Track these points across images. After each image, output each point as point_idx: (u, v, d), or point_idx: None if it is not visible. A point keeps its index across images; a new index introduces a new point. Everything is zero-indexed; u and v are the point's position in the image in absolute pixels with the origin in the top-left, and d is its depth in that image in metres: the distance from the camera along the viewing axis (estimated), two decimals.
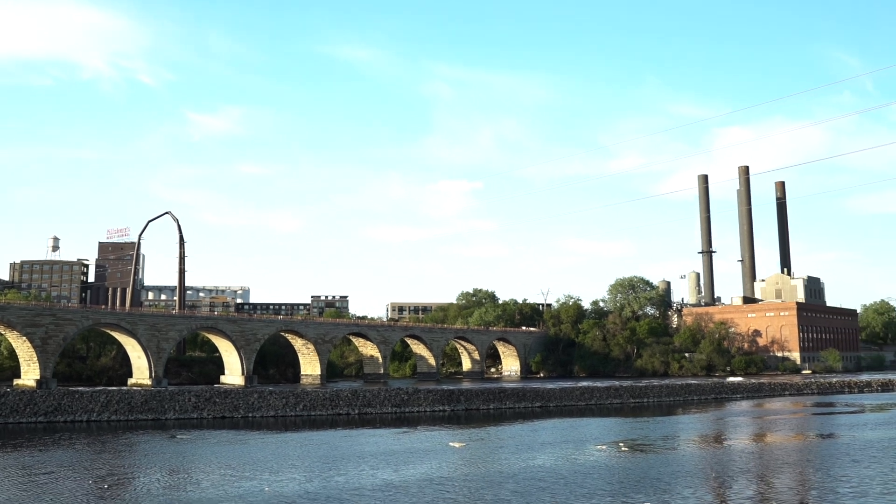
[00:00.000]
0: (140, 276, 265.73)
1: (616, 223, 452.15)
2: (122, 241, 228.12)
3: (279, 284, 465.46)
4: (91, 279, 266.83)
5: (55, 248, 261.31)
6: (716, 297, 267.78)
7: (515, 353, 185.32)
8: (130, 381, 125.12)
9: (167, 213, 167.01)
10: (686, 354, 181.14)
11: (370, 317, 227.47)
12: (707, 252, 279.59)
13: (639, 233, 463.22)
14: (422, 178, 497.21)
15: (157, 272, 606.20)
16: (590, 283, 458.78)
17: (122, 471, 45.91)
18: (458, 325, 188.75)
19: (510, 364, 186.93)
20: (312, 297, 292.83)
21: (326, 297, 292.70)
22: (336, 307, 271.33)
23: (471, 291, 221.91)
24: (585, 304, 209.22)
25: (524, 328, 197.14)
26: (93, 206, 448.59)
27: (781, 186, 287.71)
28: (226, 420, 76.84)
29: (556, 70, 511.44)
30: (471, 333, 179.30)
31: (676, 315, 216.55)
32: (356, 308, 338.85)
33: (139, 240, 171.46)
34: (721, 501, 35.09)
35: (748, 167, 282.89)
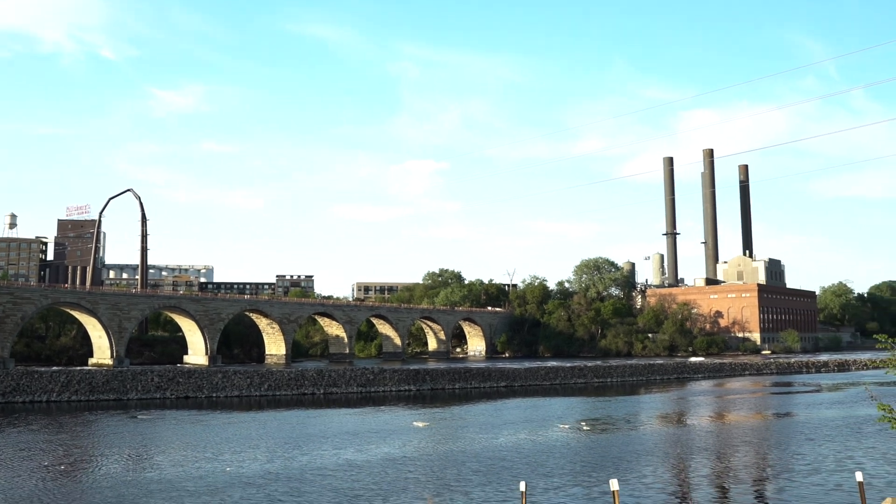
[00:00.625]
0: (101, 255, 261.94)
1: (582, 204, 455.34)
2: (83, 219, 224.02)
3: (244, 264, 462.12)
4: (50, 257, 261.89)
5: (12, 226, 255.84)
6: (679, 279, 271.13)
7: (481, 333, 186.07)
8: (91, 361, 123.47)
9: (129, 191, 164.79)
10: (649, 335, 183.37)
11: (336, 296, 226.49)
12: (671, 234, 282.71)
13: (604, 214, 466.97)
14: (388, 158, 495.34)
15: (119, 251, 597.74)
16: (555, 264, 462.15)
17: (79, 452, 45.24)
18: (424, 305, 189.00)
19: (476, 344, 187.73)
20: (277, 277, 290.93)
21: (292, 277, 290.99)
22: (301, 287, 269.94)
23: (437, 271, 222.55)
24: (551, 285, 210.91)
25: (490, 308, 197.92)
26: (52, 183, 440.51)
27: (745, 170, 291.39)
28: (189, 400, 76.14)
29: (524, 51, 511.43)
30: (437, 313, 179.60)
31: (640, 296, 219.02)
32: (322, 288, 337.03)
33: (100, 217, 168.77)
34: (679, 479, 35.55)
35: (713, 150, 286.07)
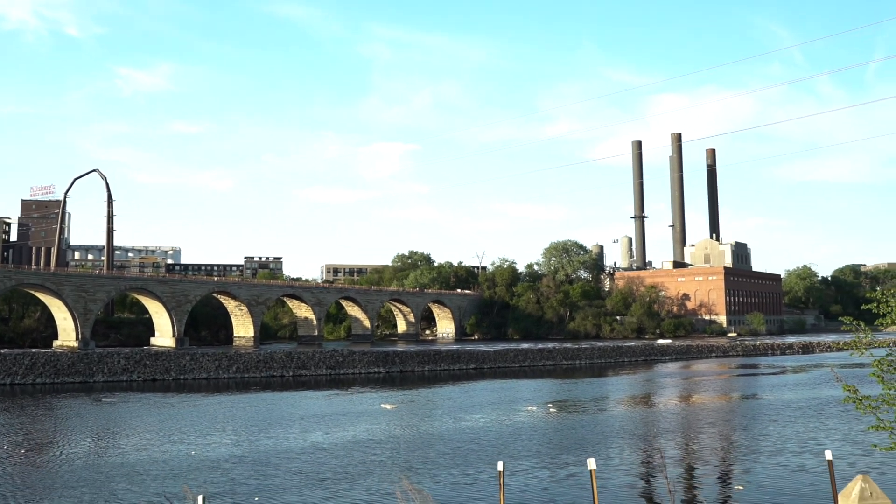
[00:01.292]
0: (66, 236, 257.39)
1: (550, 187, 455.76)
2: (47, 199, 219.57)
3: (211, 245, 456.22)
4: (13, 238, 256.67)
5: None
6: (647, 262, 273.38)
7: (450, 316, 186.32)
8: (56, 343, 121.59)
9: (95, 171, 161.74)
10: (618, 317, 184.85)
11: (305, 278, 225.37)
12: (639, 217, 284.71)
13: (573, 197, 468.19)
14: (357, 140, 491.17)
15: (85, 232, 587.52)
16: (525, 247, 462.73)
17: (41, 435, 44.53)
18: (394, 288, 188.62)
19: (445, 326, 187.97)
20: (246, 258, 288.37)
21: (260, 259, 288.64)
22: (270, 268, 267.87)
23: (406, 254, 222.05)
24: (520, 268, 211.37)
25: (459, 291, 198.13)
26: (15, 163, 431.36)
27: (712, 154, 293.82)
28: (157, 382, 75.43)
29: (496, 33, 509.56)
30: (406, 296, 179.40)
31: (609, 279, 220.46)
32: (290, 269, 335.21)
33: (65, 198, 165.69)
34: (647, 461, 35.87)
35: (681, 134, 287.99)
